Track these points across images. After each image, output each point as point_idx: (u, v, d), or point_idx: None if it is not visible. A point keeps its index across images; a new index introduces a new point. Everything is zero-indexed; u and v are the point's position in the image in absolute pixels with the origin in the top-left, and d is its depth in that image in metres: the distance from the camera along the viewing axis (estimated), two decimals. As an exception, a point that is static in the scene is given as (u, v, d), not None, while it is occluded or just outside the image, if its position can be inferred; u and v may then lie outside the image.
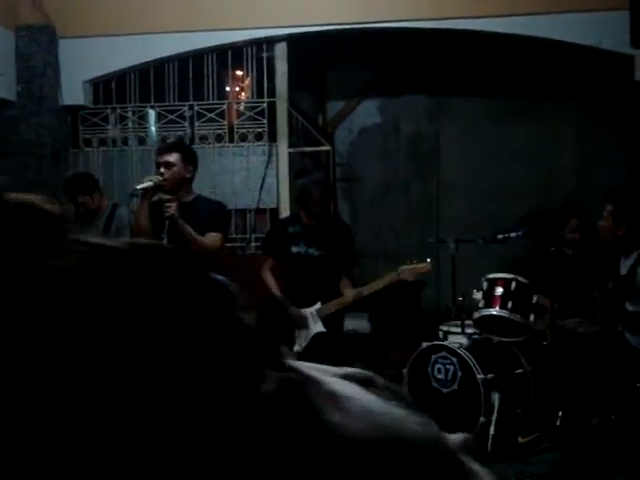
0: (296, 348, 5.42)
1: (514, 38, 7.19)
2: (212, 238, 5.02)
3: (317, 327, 5.35)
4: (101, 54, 7.34)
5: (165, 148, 5.24)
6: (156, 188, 4.93)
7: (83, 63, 7.36)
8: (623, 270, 5.15)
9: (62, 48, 7.35)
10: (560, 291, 5.40)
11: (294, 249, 5.42)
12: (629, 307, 5.03)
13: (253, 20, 7.26)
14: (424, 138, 9.64)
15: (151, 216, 4.95)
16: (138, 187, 4.94)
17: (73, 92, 7.42)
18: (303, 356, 5.38)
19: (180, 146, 5.42)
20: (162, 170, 4.96)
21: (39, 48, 7.25)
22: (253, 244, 7.35)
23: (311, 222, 5.42)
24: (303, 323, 5.38)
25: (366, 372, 0.69)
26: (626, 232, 5.19)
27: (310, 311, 5.36)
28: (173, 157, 4.99)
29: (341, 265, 5.45)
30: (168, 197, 4.88)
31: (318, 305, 5.35)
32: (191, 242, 4.89)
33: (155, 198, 5.01)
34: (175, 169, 4.97)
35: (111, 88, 7.62)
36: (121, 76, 7.60)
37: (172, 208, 4.80)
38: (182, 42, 7.31)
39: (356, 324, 7.24)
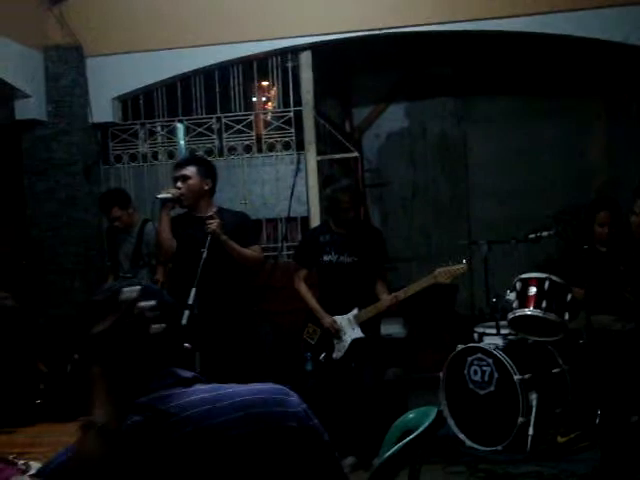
0: (335, 355, 5.44)
1: (539, 37, 7.16)
2: (255, 250, 5.13)
3: (355, 333, 5.37)
4: (128, 71, 7.42)
5: (181, 162, 5.26)
6: (174, 201, 4.98)
7: (111, 80, 7.44)
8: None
9: (90, 66, 7.44)
10: (594, 288, 5.38)
11: (326, 258, 5.45)
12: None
13: (276, 30, 7.30)
14: (451, 140, 9.64)
15: (188, 230, 5.01)
16: (158, 196, 4.99)
17: (102, 109, 7.50)
18: (342, 362, 5.41)
19: (196, 159, 5.45)
20: (179, 184, 5.01)
21: (67, 67, 7.34)
22: (285, 253, 7.38)
23: (341, 230, 5.45)
24: (337, 332, 5.40)
25: None
26: (658, 227, 5.16)
27: (348, 317, 5.39)
28: (189, 171, 5.04)
29: (375, 270, 5.46)
30: (210, 214, 4.92)
31: (355, 311, 5.37)
32: (234, 255, 4.96)
33: (173, 213, 5.08)
34: (191, 182, 5.02)
35: (139, 104, 7.70)
36: (148, 92, 7.67)
37: (215, 224, 4.84)
38: (207, 55, 7.37)
39: (391, 329, 7.24)
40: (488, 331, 6.09)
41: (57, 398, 4.01)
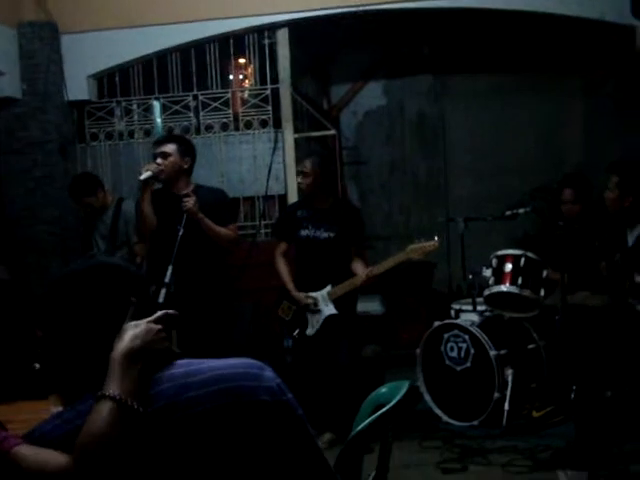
0: (309, 331, 5.46)
1: (516, 14, 7.15)
2: (230, 228, 5.19)
3: (329, 309, 5.39)
4: (103, 48, 7.36)
5: (161, 139, 5.34)
6: (154, 178, 5.02)
7: (86, 58, 7.37)
8: (630, 241, 5.15)
9: (65, 44, 7.36)
10: (569, 265, 5.41)
11: (303, 232, 5.47)
12: (638, 278, 5.04)
13: (253, 7, 7.26)
14: (429, 118, 9.65)
15: (165, 207, 5.03)
16: (141, 178, 5.00)
17: (77, 87, 7.44)
18: (316, 339, 5.43)
19: (176, 137, 5.50)
20: (159, 160, 5.06)
21: (42, 45, 7.25)
22: (263, 231, 7.38)
23: (318, 206, 5.46)
24: (308, 306, 5.42)
25: None
26: (632, 203, 5.19)
27: (321, 294, 5.40)
28: (169, 148, 5.10)
29: (351, 247, 5.48)
30: (187, 192, 4.99)
31: (329, 288, 5.38)
32: (210, 233, 5.00)
33: (154, 188, 5.11)
34: (171, 159, 5.08)
35: (115, 82, 7.64)
36: (124, 69, 7.61)
37: (190, 202, 4.90)
38: (183, 33, 7.32)
39: (369, 306, 7.27)
40: (465, 308, 6.13)
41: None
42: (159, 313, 1.75)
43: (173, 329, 1.77)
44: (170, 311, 1.78)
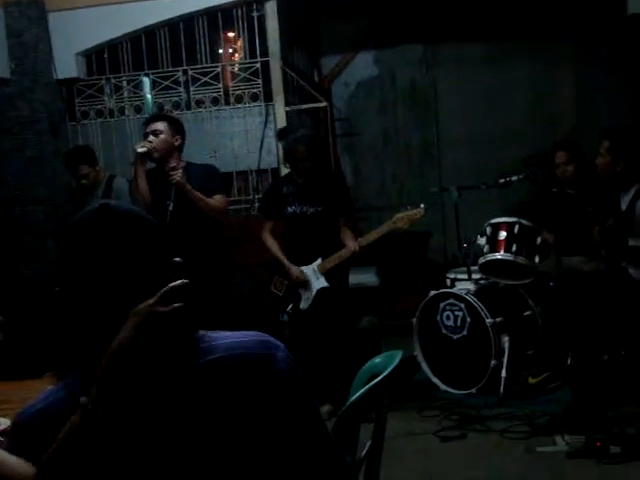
0: (302, 305, 5.46)
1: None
2: (218, 200, 5.20)
3: (320, 283, 5.39)
4: (91, 25, 7.30)
5: (152, 117, 5.39)
6: (147, 155, 5.06)
7: (74, 35, 7.32)
8: (623, 206, 5.15)
9: (52, 21, 7.31)
10: (563, 230, 5.41)
11: (289, 209, 5.45)
12: (631, 242, 5.04)
13: (241, -20, 7.21)
14: (421, 87, 9.60)
15: (156, 184, 5.06)
16: (138, 150, 5.03)
17: (66, 65, 7.39)
18: (310, 312, 5.44)
19: (166, 116, 5.54)
20: (150, 138, 5.10)
21: (29, 23, 7.21)
22: (257, 205, 7.37)
23: (303, 180, 5.44)
24: (303, 282, 5.42)
25: None
26: (624, 167, 5.18)
27: (312, 268, 5.40)
28: (160, 125, 5.15)
29: (340, 218, 5.47)
30: (173, 165, 5.04)
31: (319, 261, 5.38)
32: (200, 205, 5.04)
33: (148, 167, 5.14)
34: (163, 136, 5.13)
35: (104, 58, 7.60)
36: (113, 46, 7.56)
37: (178, 174, 4.97)
38: (171, 7, 7.26)
39: (364, 278, 7.28)
40: (460, 276, 6.14)
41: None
42: (163, 290, 1.52)
43: (188, 300, 1.59)
44: (176, 283, 1.54)
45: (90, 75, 7.64)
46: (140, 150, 5.05)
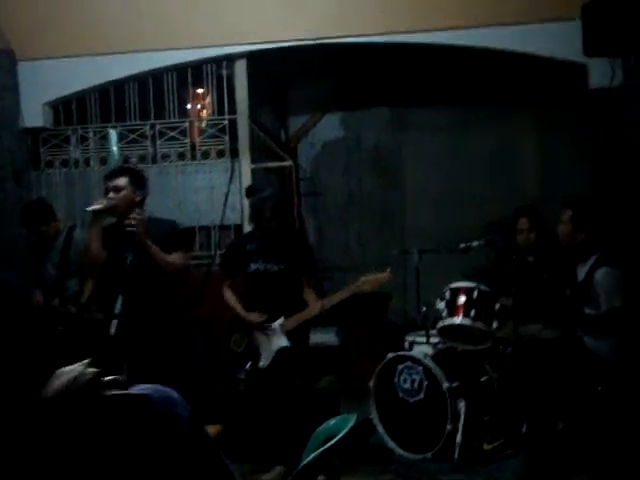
0: (261, 364, 5.43)
1: (472, 50, 7.26)
2: (177, 256, 5.10)
3: (281, 342, 5.37)
4: (61, 76, 7.33)
5: (113, 173, 5.20)
6: (106, 212, 4.94)
7: (43, 85, 7.34)
8: (581, 275, 5.21)
9: (21, 71, 7.33)
10: (521, 297, 5.46)
11: (253, 266, 5.45)
12: (587, 311, 5.10)
13: (212, 38, 7.28)
14: (387, 150, 9.71)
15: (114, 237, 4.98)
16: (88, 209, 4.94)
17: (33, 114, 7.41)
18: (269, 371, 5.41)
19: (128, 170, 5.35)
20: (111, 195, 4.98)
21: (-2, 71, 7.23)
22: (218, 260, 7.35)
23: (268, 238, 5.45)
24: (264, 325, 5.40)
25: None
26: (585, 238, 5.26)
27: (273, 326, 5.38)
28: (122, 181, 5.01)
29: (303, 278, 5.47)
30: (133, 216, 4.88)
31: (281, 320, 5.37)
32: (159, 261, 4.95)
33: (106, 223, 5.04)
34: (124, 193, 5.00)
35: (72, 109, 7.61)
36: (81, 97, 7.58)
37: (136, 223, 4.81)
38: (141, 62, 7.32)
39: (325, 337, 7.28)
40: (418, 339, 6.14)
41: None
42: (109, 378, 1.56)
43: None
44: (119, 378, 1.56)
45: (57, 125, 7.65)
46: (90, 208, 4.91)
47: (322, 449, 2.22)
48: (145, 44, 7.27)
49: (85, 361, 1.55)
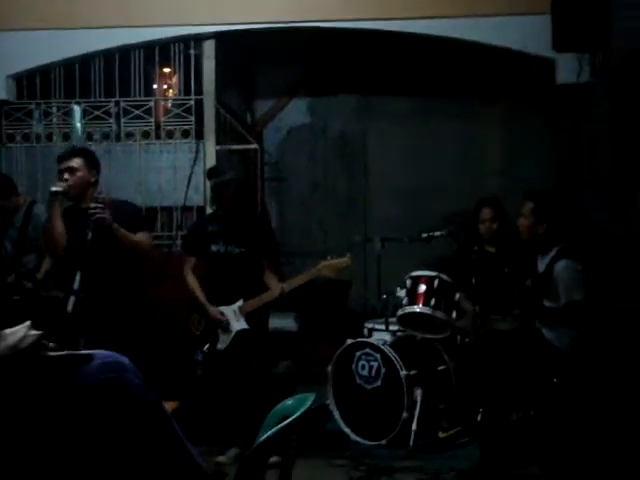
0: (219, 346, 5.40)
1: (441, 40, 7.27)
2: (143, 236, 5.07)
3: (240, 324, 5.35)
4: (25, 49, 7.22)
5: (67, 154, 5.11)
6: (62, 194, 4.86)
7: (6, 57, 7.23)
8: (541, 267, 5.24)
9: (-16, 42, 7.21)
10: (481, 289, 5.48)
11: (214, 247, 5.42)
12: (546, 303, 5.13)
13: (181, 17, 7.22)
14: (352, 137, 9.70)
15: (75, 219, 4.91)
16: (52, 189, 4.85)
17: (-4, 86, 7.30)
18: (226, 353, 5.38)
19: (82, 151, 5.27)
20: (66, 176, 4.91)
21: (-40, 42, 7.10)
22: (179, 242, 7.31)
23: (229, 220, 5.42)
24: (222, 322, 5.37)
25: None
26: (546, 231, 5.28)
27: (232, 308, 5.36)
28: (76, 162, 4.95)
29: (264, 261, 5.45)
30: (93, 204, 4.78)
31: (240, 302, 5.35)
32: (128, 244, 4.91)
33: (65, 204, 4.97)
34: (79, 174, 4.94)
35: (35, 83, 7.51)
36: (46, 71, 7.48)
37: (98, 211, 4.71)
38: (108, 38, 7.23)
39: (283, 323, 7.27)
40: (377, 327, 6.15)
41: None
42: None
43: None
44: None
45: (20, 98, 7.54)
46: (54, 189, 4.81)
47: (279, 426, 2.21)
48: (113, 20, 7.19)
49: (27, 323, 1.55)
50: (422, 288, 5.70)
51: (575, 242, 5.33)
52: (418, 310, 5.67)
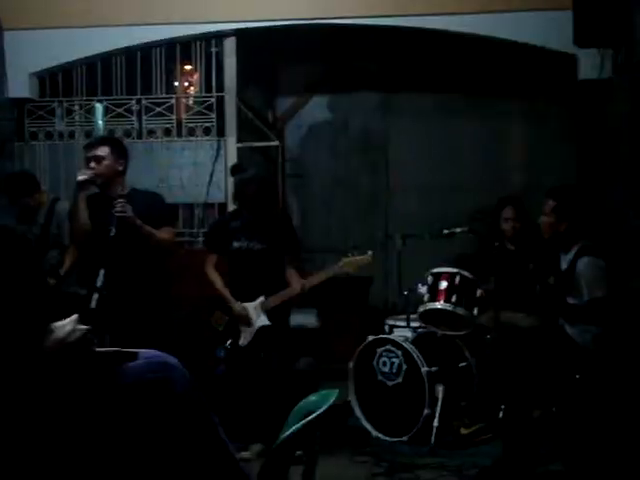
0: (241, 342, 5.42)
1: (462, 36, 7.26)
2: (167, 231, 5.10)
3: (261, 320, 5.37)
4: (48, 47, 7.27)
5: (94, 142, 5.14)
6: (89, 182, 4.89)
7: (29, 55, 7.28)
8: (563, 265, 5.23)
9: (8, 40, 7.26)
10: (503, 285, 5.48)
11: (236, 244, 5.44)
12: (569, 300, 5.12)
13: (202, 14, 7.24)
14: (373, 134, 9.68)
15: (99, 209, 4.93)
16: (79, 178, 4.89)
17: (19, 85, 7.35)
18: (248, 349, 5.40)
19: (109, 140, 5.31)
20: (92, 164, 4.93)
21: (-16, 40, 7.16)
22: (201, 238, 7.34)
23: (251, 217, 5.43)
24: (245, 319, 5.39)
25: None
26: (568, 228, 5.27)
27: (254, 305, 5.38)
28: (103, 151, 4.96)
29: (285, 258, 5.47)
30: (120, 195, 4.83)
31: (262, 298, 5.37)
32: (151, 240, 4.93)
33: (90, 192, 4.99)
34: (106, 162, 4.95)
35: (58, 81, 7.56)
36: (68, 69, 7.53)
37: (122, 207, 4.75)
38: (129, 36, 7.27)
39: (305, 319, 7.26)
40: (399, 323, 6.16)
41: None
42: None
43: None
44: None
45: (42, 96, 7.59)
46: (80, 178, 4.86)
47: (303, 422, 2.22)
48: (134, 18, 7.22)
49: (74, 317, 1.57)
50: (443, 285, 5.69)
51: (597, 239, 5.32)
52: (439, 306, 5.66)
